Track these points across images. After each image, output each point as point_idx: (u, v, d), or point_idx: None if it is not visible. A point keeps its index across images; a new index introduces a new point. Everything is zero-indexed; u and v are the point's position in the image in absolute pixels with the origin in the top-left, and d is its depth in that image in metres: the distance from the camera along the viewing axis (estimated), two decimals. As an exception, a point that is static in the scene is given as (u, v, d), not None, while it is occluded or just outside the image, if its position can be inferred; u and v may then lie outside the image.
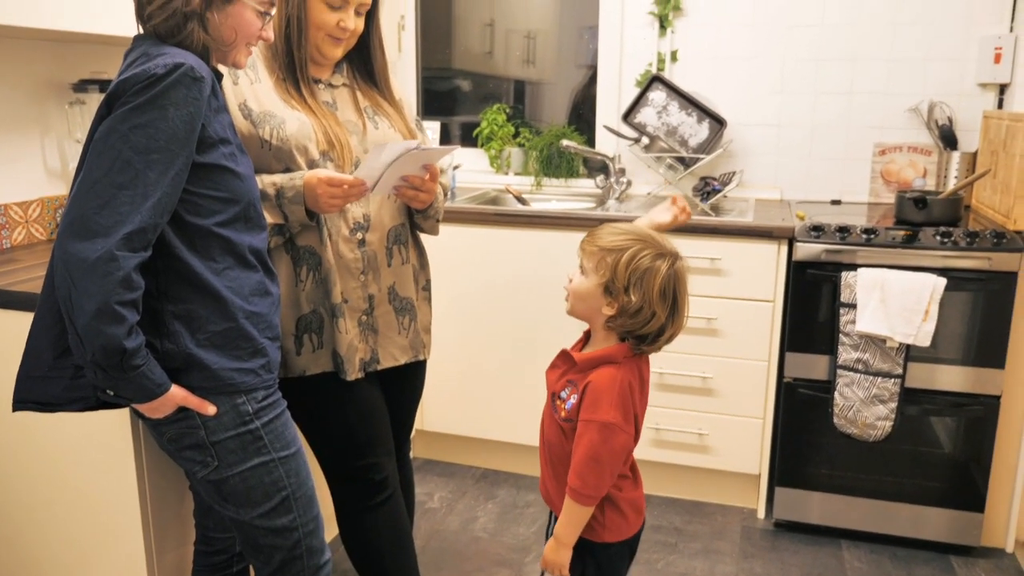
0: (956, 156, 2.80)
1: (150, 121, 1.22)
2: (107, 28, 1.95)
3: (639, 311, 1.49)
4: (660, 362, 2.67)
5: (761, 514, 2.75)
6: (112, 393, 1.29)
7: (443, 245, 2.73)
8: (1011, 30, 2.75)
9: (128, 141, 1.21)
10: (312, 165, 1.65)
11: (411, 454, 2.10)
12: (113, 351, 1.20)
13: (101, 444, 1.68)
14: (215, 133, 1.32)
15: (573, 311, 1.60)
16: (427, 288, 1.92)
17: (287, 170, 1.63)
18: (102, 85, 2.23)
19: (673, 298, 1.51)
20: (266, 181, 1.60)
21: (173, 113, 1.23)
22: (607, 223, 1.59)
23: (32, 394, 1.37)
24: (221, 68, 1.44)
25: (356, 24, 1.69)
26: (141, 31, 1.36)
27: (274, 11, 1.42)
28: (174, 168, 1.24)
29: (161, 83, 1.22)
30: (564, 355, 1.63)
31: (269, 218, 1.58)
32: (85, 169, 1.23)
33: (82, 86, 2.24)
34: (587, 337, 1.66)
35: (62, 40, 2.19)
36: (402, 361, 1.84)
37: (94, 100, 2.23)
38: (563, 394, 1.58)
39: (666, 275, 1.49)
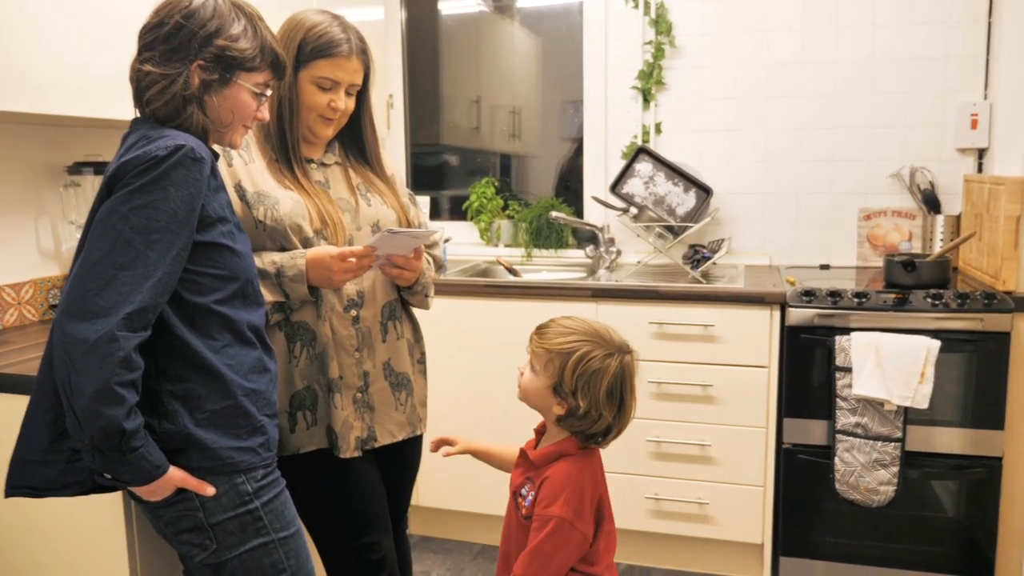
0: (940, 219, 2.85)
1: (151, 202, 1.22)
2: (103, 112, 1.97)
3: (587, 414, 1.48)
4: (658, 430, 2.65)
5: (766, 585, 2.69)
6: (110, 476, 1.26)
7: (435, 317, 2.72)
8: (985, 97, 2.84)
9: (129, 222, 1.21)
10: (306, 244, 1.65)
11: (407, 531, 2.05)
12: (112, 433, 1.18)
13: (92, 528, 1.63)
14: (214, 212, 1.33)
15: (525, 401, 1.60)
16: (422, 361, 1.91)
17: (282, 249, 1.64)
18: (97, 167, 2.25)
19: (620, 398, 1.50)
20: (265, 260, 1.60)
21: (174, 194, 1.24)
22: (556, 319, 1.58)
23: (26, 479, 1.33)
24: (217, 148, 1.46)
25: (347, 104, 1.72)
26: (139, 115, 1.38)
27: (269, 92, 1.45)
28: (175, 248, 1.24)
29: (163, 165, 1.23)
30: (522, 453, 1.63)
31: (268, 296, 1.58)
32: (85, 251, 1.23)
33: (77, 169, 2.25)
34: (543, 430, 1.66)
35: (57, 124, 2.22)
36: (400, 437, 1.82)
37: (88, 182, 2.25)
38: (523, 491, 1.57)
39: (613, 376, 1.48)
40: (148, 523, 1.62)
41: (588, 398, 1.47)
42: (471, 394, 2.86)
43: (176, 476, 1.30)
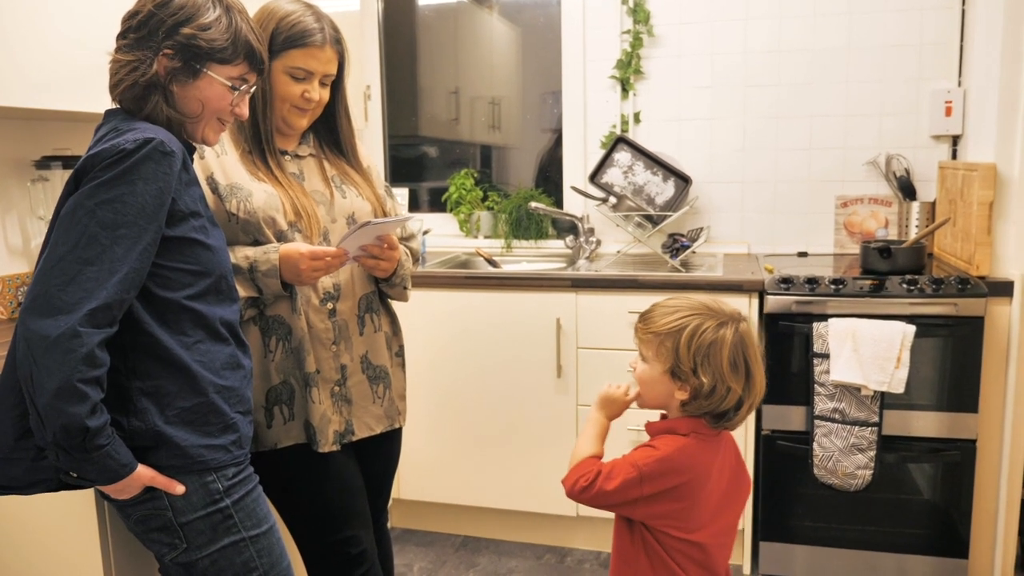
0: (916, 206, 2.87)
1: (118, 196, 1.20)
2: (71, 105, 1.95)
3: (713, 390, 1.41)
4: (638, 417, 2.64)
5: (747, 570, 2.70)
6: (75, 475, 1.24)
7: (415, 310, 2.72)
8: (959, 84, 2.85)
9: (95, 216, 1.19)
10: (280, 236, 1.64)
11: (388, 524, 2.05)
12: (75, 431, 1.16)
13: (64, 526, 1.61)
14: (186, 206, 1.31)
15: (646, 403, 1.53)
16: (400, 354, 1.90)
17: (255, 242, 1.62)
18: (66, 161, 2.21)
19: (746, 367, 1.43)
20: (239, 255, 1.58)
21: (142, 188, 1.22)
22: (658, 303, 1.51)
23: None
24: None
25: (321, 95, 1.70)
26: (113, 104, 1.36)
27: (245, 87, 1.41)
28: (142, 243, 1.22)
29: (130, 158, 1.21)
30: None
31: (241, 291, 1.56)
32: (51, 245, 1.21)
33: (45, 163, 2.22)
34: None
35: (24, 117, 2.18)
36: (378, 430, 1.81)
37: (57, 177, 2.22)
38: None
39: (732, 345, 1.41)
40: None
41: (711, 372, 1.40)
42: (451, 386, 2.86)
43: (144, 475, 1.28)
